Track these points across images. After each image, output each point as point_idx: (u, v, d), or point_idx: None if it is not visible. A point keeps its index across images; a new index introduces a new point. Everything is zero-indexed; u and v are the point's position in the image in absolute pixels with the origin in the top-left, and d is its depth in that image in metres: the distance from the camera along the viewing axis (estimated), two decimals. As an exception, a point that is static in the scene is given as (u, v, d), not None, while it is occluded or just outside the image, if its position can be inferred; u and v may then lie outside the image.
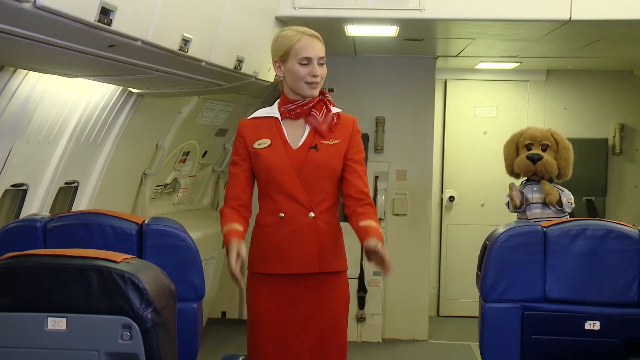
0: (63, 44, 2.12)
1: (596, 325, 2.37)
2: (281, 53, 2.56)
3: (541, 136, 3.84)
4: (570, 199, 3.74)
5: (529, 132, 3.90)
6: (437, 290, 6.46)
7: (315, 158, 2.56)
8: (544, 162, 3.78)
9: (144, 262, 2.02)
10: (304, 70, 2.53)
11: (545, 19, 3.81)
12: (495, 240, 2.43)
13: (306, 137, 2.59)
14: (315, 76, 2.54)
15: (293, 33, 2.56)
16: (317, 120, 2.58)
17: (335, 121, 2.60)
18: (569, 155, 3.83)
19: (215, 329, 5.57)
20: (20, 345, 1.85)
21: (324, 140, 2.58)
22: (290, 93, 2.61)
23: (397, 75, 5.68)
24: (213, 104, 4.52)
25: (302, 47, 2.53)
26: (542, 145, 3.82)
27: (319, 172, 2.57)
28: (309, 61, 2.53)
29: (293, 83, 2.56)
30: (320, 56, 2.56)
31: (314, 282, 2.58)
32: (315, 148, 2.57)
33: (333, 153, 2.58)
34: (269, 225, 2.58)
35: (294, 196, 2.55)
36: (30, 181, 2.96)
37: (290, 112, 2.60)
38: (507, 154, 4.01)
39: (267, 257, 2.58)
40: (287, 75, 2.57)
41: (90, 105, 3.18)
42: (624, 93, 6.26)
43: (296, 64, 2.53)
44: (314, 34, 2.58)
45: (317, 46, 2.56)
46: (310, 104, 2.59)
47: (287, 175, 2.55)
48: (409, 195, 5.69)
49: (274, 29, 3.77)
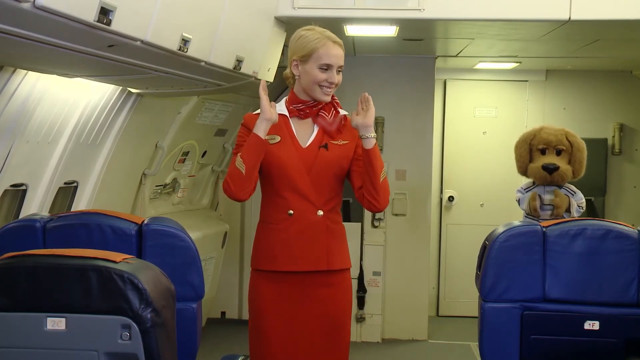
0: (62, 44, 2.12)
1: (596, 325, 2.37)
2: (303, 54, 2.56)
3: (555, 140, 3.75)
4: (582, 202, 3.70)
5: (542, 135, 3.79)
6: (437, 290, 6.46)
7: (325, 157, 2.59)
8: (560, 173, 3.70)
9: (143, 262, 2.02)
10: (322, 76, 2.54)
11: (545, 19, 3.81)
12: (495, 240, 2.43)
13: (315, 136, 2.61)
14: (332, 83, 2.56)
15: (318, 36, 2.55)
16: (326, 121, 2.61)
17: (343, 123, 2.63)
18: (583, 157, 3.77)
19: (214, 329, 5.57)
20: (19, 345, 1.85)
21: (333, 140, 2.61)
22: (301, 93, 2.61)
23: (397, 75, 5.68)
24: (212, 104, 4.52)
25: (325, 53, 2.53)
26: (557, 149, 3.76)
27: (328, 171, 2.59)
28: (329, 67, 2.54)
29: (308, 85, 2.57)
30: (340, 64, 2.57)
31: (321, 279, 2.60)
32: (326, 147, 2.59)
33: (342, 153, 2.61)
34: (277, 223, 2.59)
35: (304, 194, 2.56)
36: (29, 181, 2.96)
37: (300, 111, 2.61)
38: (519, 155, 3.90)
39: (274, 254, 2.58)
40: (304, 76, 2.57)
41: (90, 105, 3.18)
42: (623, 93, 6.26)
43: (316, 68, 2.54)
44: (338, 41, 2.58)
45: (340, 53, 2.57)
46: (320, 106, 2.62)
47: (298, 172, 2.56)
48: (409, 195, 5.70)
49: (274, 29, 3.77)
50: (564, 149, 3.74)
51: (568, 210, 3.69)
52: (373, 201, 2.57)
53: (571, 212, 3.69)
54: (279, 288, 2.58)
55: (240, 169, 2.46)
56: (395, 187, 5.67)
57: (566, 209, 3.68)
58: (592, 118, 6.27)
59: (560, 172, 3.71)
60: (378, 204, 2.58)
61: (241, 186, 2.48)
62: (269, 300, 2.59)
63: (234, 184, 2.48)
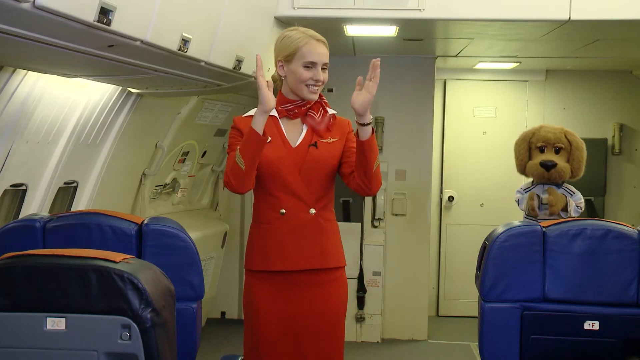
0: (62, 44, 2.12)
1: (595, 325, 2.37)
2: (286, 53, 2.59)
3: (554, 138, 3.75)
4: (580, 202, 3.67)
5: (541, 132, 3.77)
6: (437, 290, 6.46)
7: (315, 155, 2.61)
8: (558, 170, 3.70)
9: (143, 262, 2.02)
10: (307, 74, 2.56)
11: (545, 19, 3.81)
12: (495, 240, 2.43)
13: (304, 135, 2.64)
14: (318, 81, 2.58)
15: (301, 35, 2.58)
16: (315, 120, 2.63)
17: (331, 121, 2.66)
18: (582, 156, 3.74)
19: (214, 329, 5.57)
20: (19, 345, 1.85)
21: (322, 138, 2.63)
22: (289, 93, 2.64)
23: (397, 75, 5.67)
24: (212, 104, 4.53)
25: (309, 51, 2.56)
26: (555, 147, 3.76)
27: (319, 169, 2.61)
28: (313, 65, 2.56)
29: (294, 84, 2.60)
30: (324, 62, 2.60)
31: (315, 277, 2.60)
32: (315, 146, 2.61)
33: (332, 151, 2.63)
34: (269, 222, 2.60)
35: (295, 192, 2.58)
36: (29, 181, 2.96)
37: (289, 112, 2.64)
38: (518, 153, 3.91)
39: (268, 254, 2.59)
40: (289, 76, 2.60)
41: (90, 105, 3.18)
42: (623, 93, 6.26)
43: (300, 67, 2.56)
44: (321, 39, 2.61)
45: (323, 51, 2.59)
46: (308, 105, 2.64)
47: (289, 171, 2.58)
48: (408, 195, 5.69)
49: (273, 29, 3.77)
50: (562, 147, 3.74)
51: (565, 209, 3.68)
52: (364, 186, 2.56)
53: (569, 211, 3.68)
54: (273, 288, 2.59)
55: (240, 165, 2.46)
56: (395, 187, 5.68)
57: (563, 208, 3.68)
58: (592, 118, 6.27)
59: (558, 169, 3.70)
60: (369, 190, 2.58)
61: (242, 182, 2.49)
62: (263, 301, 2.59)
63: (235, 179, 2.48)
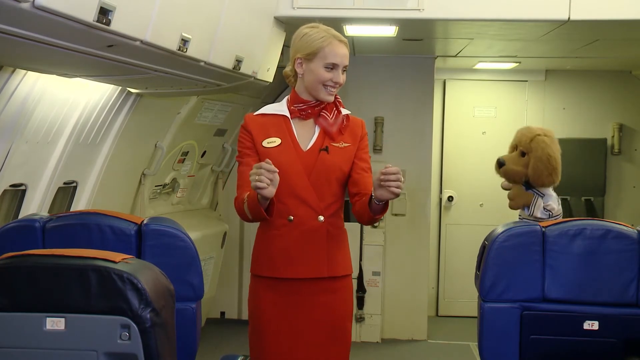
0: (62, 43, 2.12)
1: (595, 325, 2.37)
2: (308, 52, 2.50)
3: (523, 142, 3.67)
4: (548, 205, 3.56)
5: (518, 132, 3.78)
6: (436, 290, 6.46)
7: (326, 161, 2.52)
8: (505, 170, 3.72)
9: (142, 262, 2.01)
10: (328, 75, 2.49)
11: (544, 19, 3.81)
12: (494, 240, 2.43)
13: (316, 138, 2.55)
14: (337, 83, 2.51)
15: (324, 34, 2.51)
16: (327, 121, 2.55)
17: (345, 123, 2.58)
18: (543, 166, 3.57)
19: (214, 329, 5.57)
20: (18, 345, 1.85)
21: (334, 142, 2.55)
22: (304, 92, 2.56)
23: (396, 75, 5.68)
24: (212, 104, 4.52)
25: (331, 52, 2.49)
26: (522, 150, 3.67)
27: (329, 175, 2.53)
28: (334, 67, 2.50)
29: (312, 84, 2.51)
30: (345, 64, 2.53)
31: (322, 285, 2.55)
32: (326, 150, 2.53)
33: (343, 156, 2.56)
34: (277, 228, 2.53)
35: (304, 199, 2.51)
36: (29, 181, 2.96)
37: (301, 112, 2.55)
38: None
39: (274, 260, 2.53)
40: (308, 75, 2.52)
41: (89, 105, 3.18)
42: (622, 93, 6.27)
43: (321, 67, 2.49)
44: (343, 40, 2.54)
45: (345, 53, 2.53)
46: (322, 105, 2.56)
47: (298, 177, 2.50)
48: (408, 195, 5.69)
49: (273, 29, 3.77)
50: (526, 153, 3.68)
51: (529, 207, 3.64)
52: (359, 220, 2.60)
53: (531, 211, 3.62)
54: (279, 294, 2.54)
55: (248, 216, 2.46)
56: (394, 187, 5.67)
57: (525, 205, 3.66)
58: (592, 118, 6.28)
59: (505, 169, 3.71)
60: (362, 223, 2.66)
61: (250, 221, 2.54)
62: (269, 306, 2.54)
63: (244, 218, 2.53)
